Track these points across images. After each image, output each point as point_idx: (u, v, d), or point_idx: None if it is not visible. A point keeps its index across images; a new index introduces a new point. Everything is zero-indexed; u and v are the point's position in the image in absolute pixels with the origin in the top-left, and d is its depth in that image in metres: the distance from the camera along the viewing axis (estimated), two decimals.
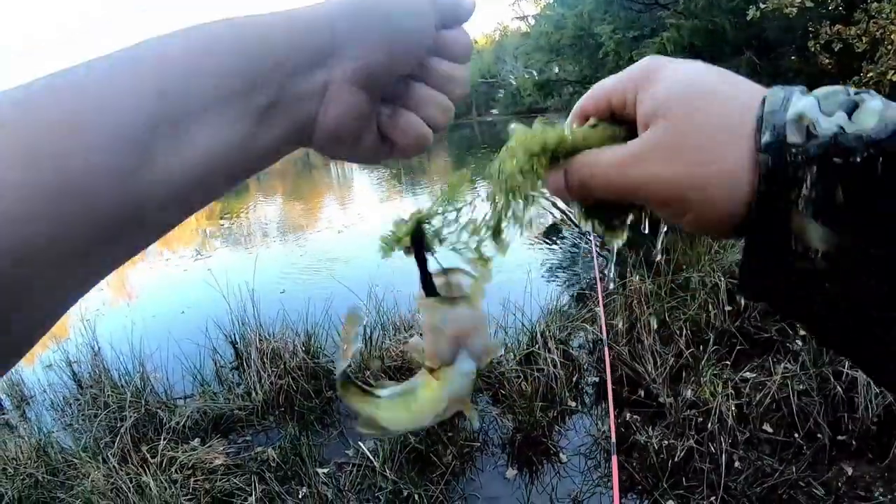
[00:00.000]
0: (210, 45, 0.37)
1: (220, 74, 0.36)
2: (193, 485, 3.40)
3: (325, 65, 0.41)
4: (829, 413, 3.48)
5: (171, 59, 0.35)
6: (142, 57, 0.35)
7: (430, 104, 0.48)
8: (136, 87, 0.33)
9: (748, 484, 3.12)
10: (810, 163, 0.36)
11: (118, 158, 0.31)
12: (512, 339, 4.76)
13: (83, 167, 0.30)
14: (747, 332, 4.39)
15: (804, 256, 0.37)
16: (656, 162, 0.42)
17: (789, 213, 0.37)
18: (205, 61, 0.36)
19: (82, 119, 0.31)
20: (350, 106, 0.43)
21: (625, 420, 3.80)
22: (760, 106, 0.39)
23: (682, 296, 4.78)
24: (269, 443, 3.94)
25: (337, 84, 0.42)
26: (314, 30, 0.41)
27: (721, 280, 4.77)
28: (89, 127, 0.31)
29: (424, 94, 0.48)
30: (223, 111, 0.36)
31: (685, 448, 3.36)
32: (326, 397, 4.43)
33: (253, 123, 0.38)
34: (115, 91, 0.32)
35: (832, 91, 0.38)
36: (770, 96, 0.39)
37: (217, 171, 0.37)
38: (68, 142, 0.30)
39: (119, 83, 0.33)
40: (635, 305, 4.56)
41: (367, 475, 3.46)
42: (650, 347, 4.15)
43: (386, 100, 0.47)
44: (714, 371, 3.75)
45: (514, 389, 4.09)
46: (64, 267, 0.30)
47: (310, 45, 0.41)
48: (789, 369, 3.71)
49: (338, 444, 3.92)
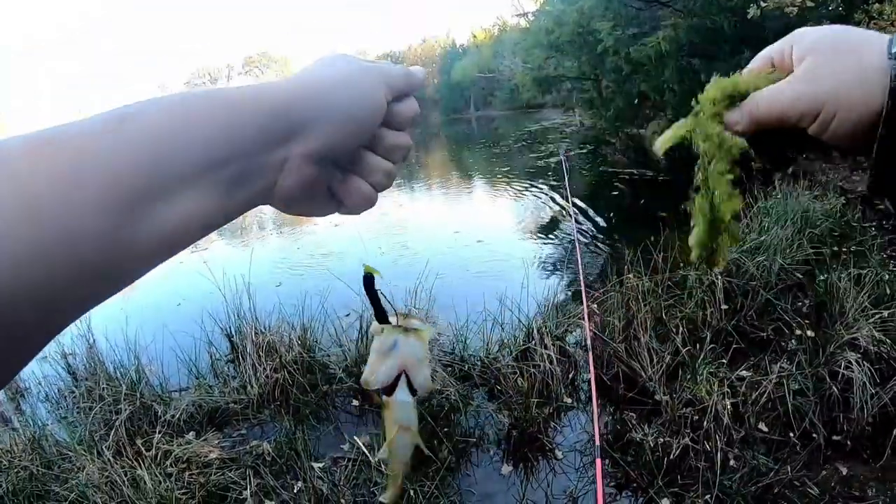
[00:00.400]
0: (193, 118, 0.40)
1: (202, 147, 0.40)
2: (188, 478, 3.39)
3: (285, 144, 0.46)
4: (824, 413, 3.49)
5: (161, 129, 0.38)
6: (136, 124, 0.37)
7: (378, 171, 0.54)
8: (131, 152, 0.36)
9: (743, 483, 3.12)
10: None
11: (109, 217, 0.34)
12: (508, 334, 4.77)
13: (79, 223, 0.32)
14: (743, 330, 4.41)
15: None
16: (803, 83, 0.55)
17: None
18: (190, 133, 0.39)
19: (81, 177, 0.33)
20: (304, 177, 0.48)
21: (620, 417, 3.81)
22: (890, 39, 0.51)
23: (679, 294, 4.78)
24: (264, 437, 3.93)
25: (294, 159, 0.46)
26: (276, 113, 0.45)
27: (718, 279, 4.77)
28: (87, 185, 0.33)
29: (372, 162, 0.54)
30: (201, 180, 0.40)
31: (680, 446, 3.36)
32: (322, 391, 4.42)
33: (224, 191, 0.42)
34: (111, 154, 0.35)
35: None
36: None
37: (192, 230, 0.40)
38: (69, 198, 0.32)
39: (115, 146, 0.35)
40: (632, 303, 4.56)
41: (363, 470, 3.46)
42: (646, 345, 4.15)
43: (337, 165, 0.52)
44: (710, 369, 3.75)
45: (510, 385, 4.09)
46: (52, 304, 0.33)
47: (273, 126, 0.44)
48: (785, 369, 3.73)
49: (333, 439, 3.92)
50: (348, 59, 0.53)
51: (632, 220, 9.06)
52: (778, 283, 4.90)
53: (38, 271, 0.30)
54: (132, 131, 0.37)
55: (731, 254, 5.20)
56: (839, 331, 3.97)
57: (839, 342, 3.84)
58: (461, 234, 9.97)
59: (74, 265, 0.32)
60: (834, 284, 4.51)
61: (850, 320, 4.05)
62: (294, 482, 3.43)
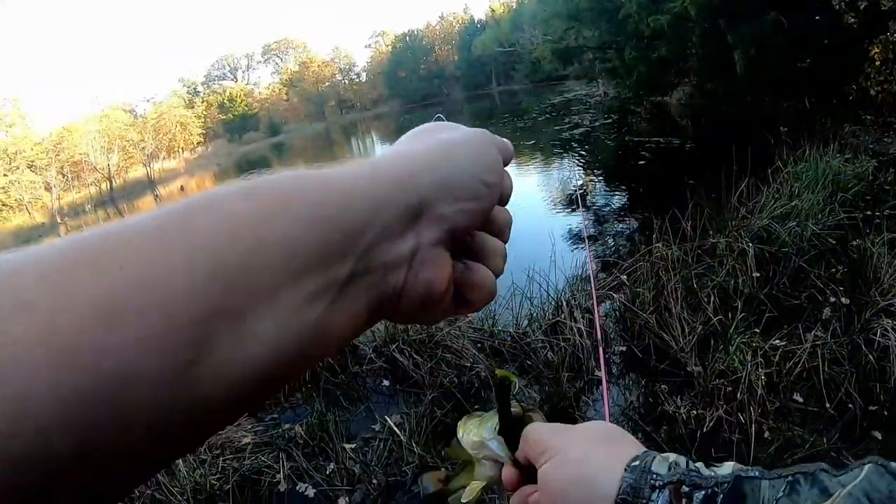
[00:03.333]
0: (278, 208, 0.30)
1: (292, 246, 0.30)
2: (222, 464, 3.43)
3: (413, 227, 0.36)
4: (860, 382, 3.42)
5: (231, 228, 0.28)
6: (193, 224, 0.28)
7: (497, 254, 0.45)
8: (188, 266, 0.26)
9: (778, 455, 3.08)
10: (664, 486, 0.49)
11: (165, 358, 0.24)
12: (537, 308, 4.74)
13: (122, 368, 0.23)
14: (776, 298, 4.33)
15: None
16: None
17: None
18: (273, 230, 0.29)
19: (122, 308, 0.24)
20: (442, 268, 0.38)
21: (652, 390, 3.77)
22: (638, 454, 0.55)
23: (710, 262, 4.71)
24: (296, 419, 3.96)
25: (426, 246, 0.37)
26: (400, 186, 0.35)
27: (749, 246, 4.70)
28: (130, 318, 0.24)
29: (490, 245, 0.44)
30: (293, 291, 0.29)
31: (714, 418, 3.33)
32: (352, 373, 4.45)
33: (329, 302, 0.31)
34: (162, 271, 0.25)
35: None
36: (644, 451, 0.56)
37: (285, 362, 0.30)
38: (105, 335, 0.23)
39: (167, 260, 0.26)
40: (662, 272, 4.51)
41: (394, 449, 3.47)
42: (678, 315, 4.10)
43: (456, 254, 0.42)
44: (743, 339, 3.69)
45: (541, 360, 4.08)
46: (94, 479, 0.23)
47: (397, 204, 0.35)
48: (819, 337, 3.65)
49: (364, 420, 3.94)
50: (446, 123, 0.46)
51: (659, 189, 8.92)
52: (810, 250, 4.80)
53: (68, 435, 0.22)
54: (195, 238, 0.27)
55: (762, 220, 5.12)
56: (874, 297, 3.89)
57: (874, 309, 3.76)
58: None
59: (122, 424, 0.23)
60: (868, 250, 4.42)
61: (885, 286, 3.97)
62: (326, 463, 3.46)
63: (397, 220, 0.35)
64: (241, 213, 0.29)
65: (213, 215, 0.28)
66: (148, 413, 0.24)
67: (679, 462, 0.52)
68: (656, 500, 0.49)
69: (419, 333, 4.46)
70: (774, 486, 0.45)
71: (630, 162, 12.08)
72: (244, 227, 0.28)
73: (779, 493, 0.44)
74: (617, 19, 15.63)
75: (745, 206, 5.64)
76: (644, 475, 0.51)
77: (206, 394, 0.26)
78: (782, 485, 0.44)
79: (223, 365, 0.26)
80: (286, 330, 0.29)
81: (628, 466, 0.52)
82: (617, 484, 0.51)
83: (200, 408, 0.26)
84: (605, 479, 0.53)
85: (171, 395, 0.25)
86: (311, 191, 0.32)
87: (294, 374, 0.32)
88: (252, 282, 0.28)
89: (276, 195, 0.30)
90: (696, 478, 0.48)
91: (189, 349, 0.25)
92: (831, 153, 6.83)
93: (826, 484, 0.43)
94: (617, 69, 18.94)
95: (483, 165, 0.41)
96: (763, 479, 0.46)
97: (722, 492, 0.46)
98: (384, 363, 4.41)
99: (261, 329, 0.28)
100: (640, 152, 12.45)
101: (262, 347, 0.28)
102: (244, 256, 0.28)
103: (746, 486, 0.46)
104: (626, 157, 12.66)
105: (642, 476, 0.51)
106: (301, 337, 0.30)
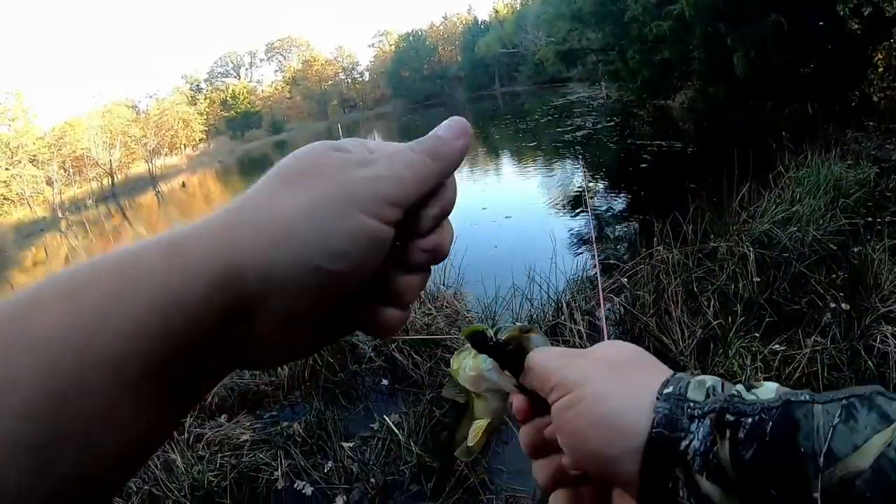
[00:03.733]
0: (96, 317, 0.28)
1: (116, 357, 0.28)
2: (220, 461, 3.43)
3: (247, 322, 0.33)
4: None
5: (48, 339, 0.27)
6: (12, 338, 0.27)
7: (409, 292, 0.40)
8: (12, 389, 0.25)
9: None
10: (704, 416, 0.40)
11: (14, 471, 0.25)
12: (537, 309, 4.74)
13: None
14: (776, 303, 4.32)
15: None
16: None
17: (680, 464, 0.40)
18: (96, 350, 0.27)
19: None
20: (291, 337, 0.35)
21: None
22: (669, 378, 0.46)
23: (710, 266, 4.71)
24: (294, 417, 3.97)
25: (262, 337, 0.33)
26: (220, 286, 0.31)
27: (750, 250, 4.69)
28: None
29: (398, 285, 0.40)
30: (132, 400, 0.28)
31: None
32: (351, 371, 4.45)
33: (172, 397, 0.31)
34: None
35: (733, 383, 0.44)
36: (676, 375, 0.46)
37: (141, 453, 0.31)
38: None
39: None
40: (662, 276, 4.51)
41: (392, 448, 3.47)
42: (678, 319, 4.09)
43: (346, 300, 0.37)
44: (742, 343, 3.69)
45: None
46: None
47: (220, 310, 0.31)
48: (819, 342, 3.64)
49: (363, 418, 3.94)
50: (318, 161, 0.36)
51: (660, 192, 8.92)
52: (811, 255, 4.80)
53: None
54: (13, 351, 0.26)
55: (763, 225, 5.12)
56: (874, 303, 3.88)
57: (874, 315, 3.76)
58: (489, 211, 9.99)
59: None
60: (868, 256, 4.41)
61: (885, 292, 3.96)
62: (324, 462, 3.46)
63: (217, 326, 0.31)
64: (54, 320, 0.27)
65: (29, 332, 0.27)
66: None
67: (716, 386, 0.44)
68: (696, 431, 0.41)
69: (419, 333, 4.46)
70: (829, 410, 0.38)
71: (632, 165, 12.07)
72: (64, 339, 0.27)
73: (834, 418, 0.37)
74: (621, 22, 15.66)
75: (747, 211, 5.63)
76: (680, 403, 0.43)
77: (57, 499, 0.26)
78: (837, 409, 0.37)
79: (70, 475, 0.27)
80: (132, 433, 0.29)
81: (661, 394, 0.44)
82: (649, 416, 0.43)
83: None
84: (633, 413, 0.44)
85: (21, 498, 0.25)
86: (127, 302, 0.29)
87: (157, 448, 0.32)
88: (80, 401, 0.27)
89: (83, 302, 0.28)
90: (739, 404, 0.40)
91: (31, 464, 0.25)
92: (833, 159, 6.82)
93: (885, 409, 0.38)
94: (620, 72, 18.99)
95: (335, 247, 0.33)
96: (815, 402, 0.39)
97: (771, 418, 0.38)
98: (383, 362, 4.41)
99: (102, 441, 0.27)
100: (643, 155, 12.44)
101: (108, 454, 0.28)
102: (68, 372, 0.26)
103: (798, 412, 0.38)
104: (628, 160, 12.65)
105: (678, 405, 0.43)
106: (149, 432, 0.30)
